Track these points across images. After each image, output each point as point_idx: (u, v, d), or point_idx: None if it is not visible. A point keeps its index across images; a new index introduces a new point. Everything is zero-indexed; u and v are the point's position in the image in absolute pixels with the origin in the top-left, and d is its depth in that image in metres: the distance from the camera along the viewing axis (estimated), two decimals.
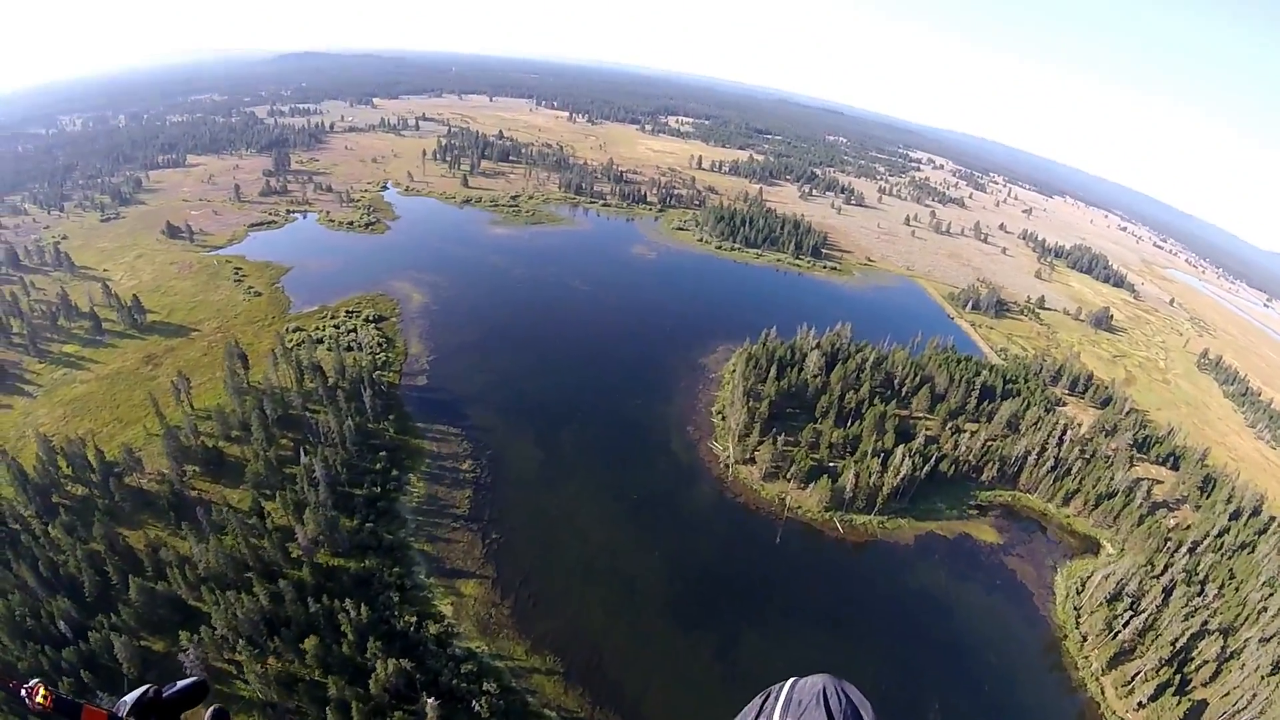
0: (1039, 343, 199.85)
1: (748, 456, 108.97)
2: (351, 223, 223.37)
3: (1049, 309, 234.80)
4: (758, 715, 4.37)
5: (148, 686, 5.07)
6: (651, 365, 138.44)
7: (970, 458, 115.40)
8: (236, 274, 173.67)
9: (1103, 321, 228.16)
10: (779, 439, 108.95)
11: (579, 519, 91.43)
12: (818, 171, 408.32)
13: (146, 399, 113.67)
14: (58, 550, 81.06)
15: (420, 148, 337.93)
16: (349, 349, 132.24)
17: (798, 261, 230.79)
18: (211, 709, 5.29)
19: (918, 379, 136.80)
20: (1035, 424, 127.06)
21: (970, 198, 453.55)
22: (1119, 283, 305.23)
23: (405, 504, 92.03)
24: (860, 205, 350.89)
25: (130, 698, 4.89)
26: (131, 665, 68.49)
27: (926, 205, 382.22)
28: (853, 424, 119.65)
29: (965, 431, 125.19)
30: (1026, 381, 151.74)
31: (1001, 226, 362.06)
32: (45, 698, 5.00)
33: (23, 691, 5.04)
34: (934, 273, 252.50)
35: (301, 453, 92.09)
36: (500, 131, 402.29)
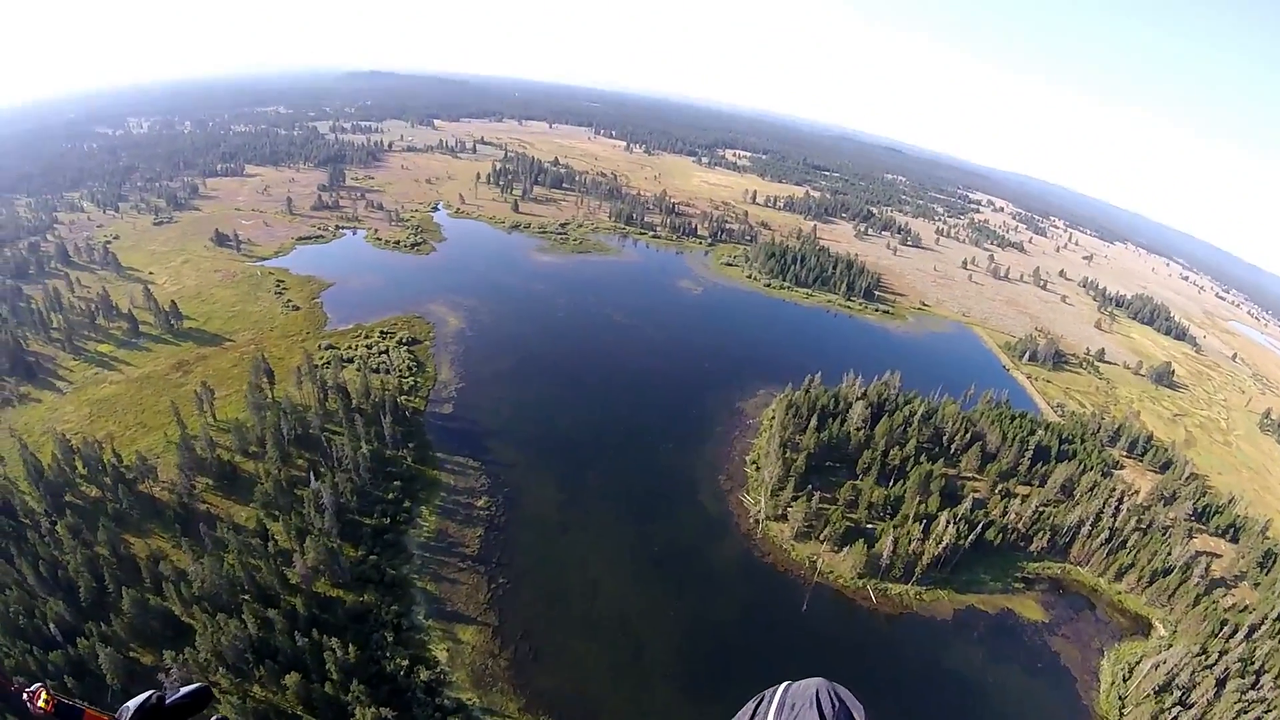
0: (1098, 399, 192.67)
1: (780, 513, 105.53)
2: (398, 242, 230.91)
3: (1109, 362, 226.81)
4: (751, 718, 4.66)
5: (151, 693, 5.17)
6: (688, 406, 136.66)
7: (1020, 525, 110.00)
8: (278, 286, 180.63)
9: (1164, 377, 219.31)
10: (814, 496, 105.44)
11: (592, 569, 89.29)
12: (875, 210, 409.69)
13: (171, 406, 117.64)
14: (61, 550, 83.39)
15: (475, 170, 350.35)
16: (377, 370, 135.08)
17: (849, 303, 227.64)
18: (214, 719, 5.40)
19: (968, 436, 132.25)
20: (1091, 490, 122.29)
21: (1030, 242, 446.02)
22: (1180, 335, 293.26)
23: (413, 538, 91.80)
24: (917, 246, 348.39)
25: (133, 703, 4.97)
26: (115, 676, 69.34)
27: (985, 249, 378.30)
28: (895, 483, 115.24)
29: (1016, 496, 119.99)
30: (1083, 441, 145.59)
31: (1061, 273, 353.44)
32: (47, 701, 5.17)
33: (25, 695, 5.23)
34: (990, 320, 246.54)
35: (312, 476, 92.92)
36: (556, 158, 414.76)
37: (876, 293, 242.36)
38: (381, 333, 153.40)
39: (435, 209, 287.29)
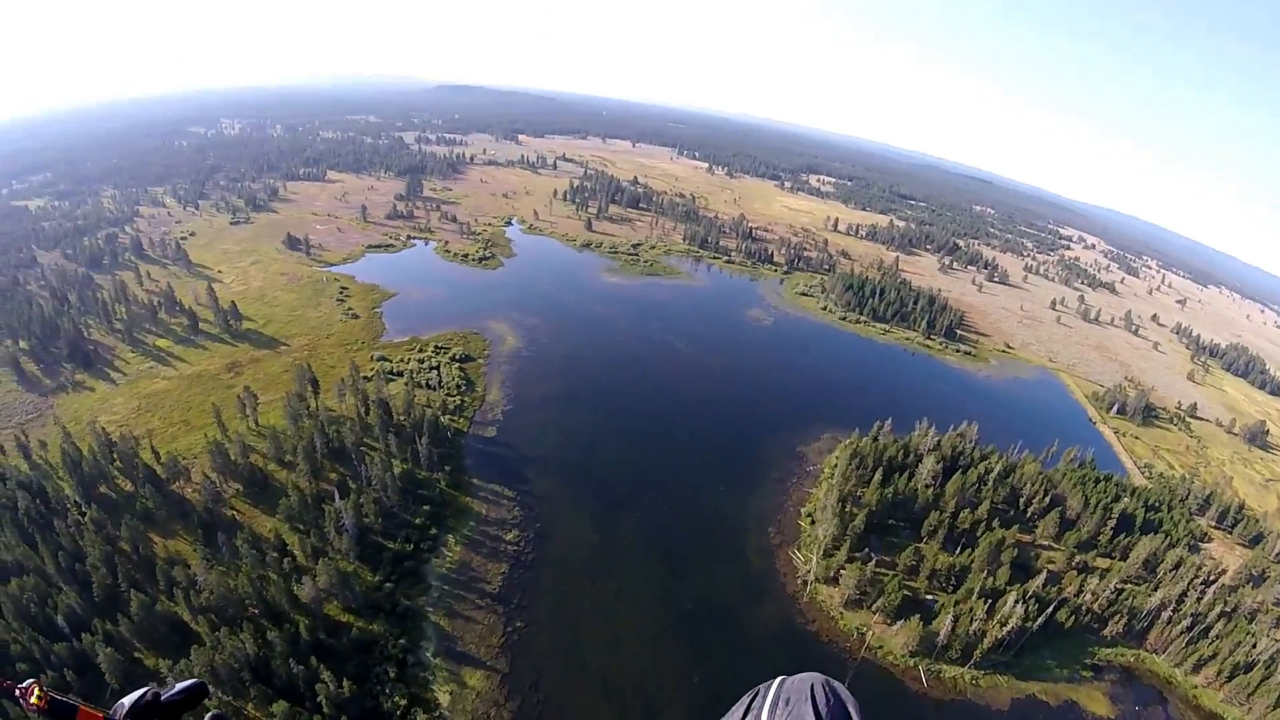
0: (1188, 459, 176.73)
1: (832, 575, 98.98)
2: (467, 255, 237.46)
3: (1201, 418, 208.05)
4: (745, 713, 4.73)
5: (147, 688, 5.23)
6: (743, 446, 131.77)
7: (1096, 606, 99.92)
8: (341, 293, 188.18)
9: (1258, 437, 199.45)
10: (871, 561, 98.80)
11: (616, 621, 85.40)
12: (960, 243, 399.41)
13: (220, 404, 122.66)
14: (84, 542, 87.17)
15: (553, 187, 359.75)
16: (426, 386, 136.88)
17: (928, 342, 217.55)
18: (210, 715, 5.54)
19: (1047, 499, 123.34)
20: (1175, 568, 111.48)
21: (1122, 282, 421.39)
22: (1277, 390, 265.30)
23: (435, 568, 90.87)
24: (1003, 283, 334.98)
25: (129, 700, 5.11)
26: (115, 677, 71.15)
27: (1075, 288, 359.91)
28: (963, 551, 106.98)
29: (1094, 571, 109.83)
30: (1171, 510, 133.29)
31: (1154, 318, 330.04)
32: (40, 698, 5.21)
33: (17, 691, 5.32)
34: (1078, 366, 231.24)
35: (337, 494, 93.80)
36: (635, 177, 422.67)
37: (958, 332, 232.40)
38: (436, 347, 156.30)
39: (509, 224, 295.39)
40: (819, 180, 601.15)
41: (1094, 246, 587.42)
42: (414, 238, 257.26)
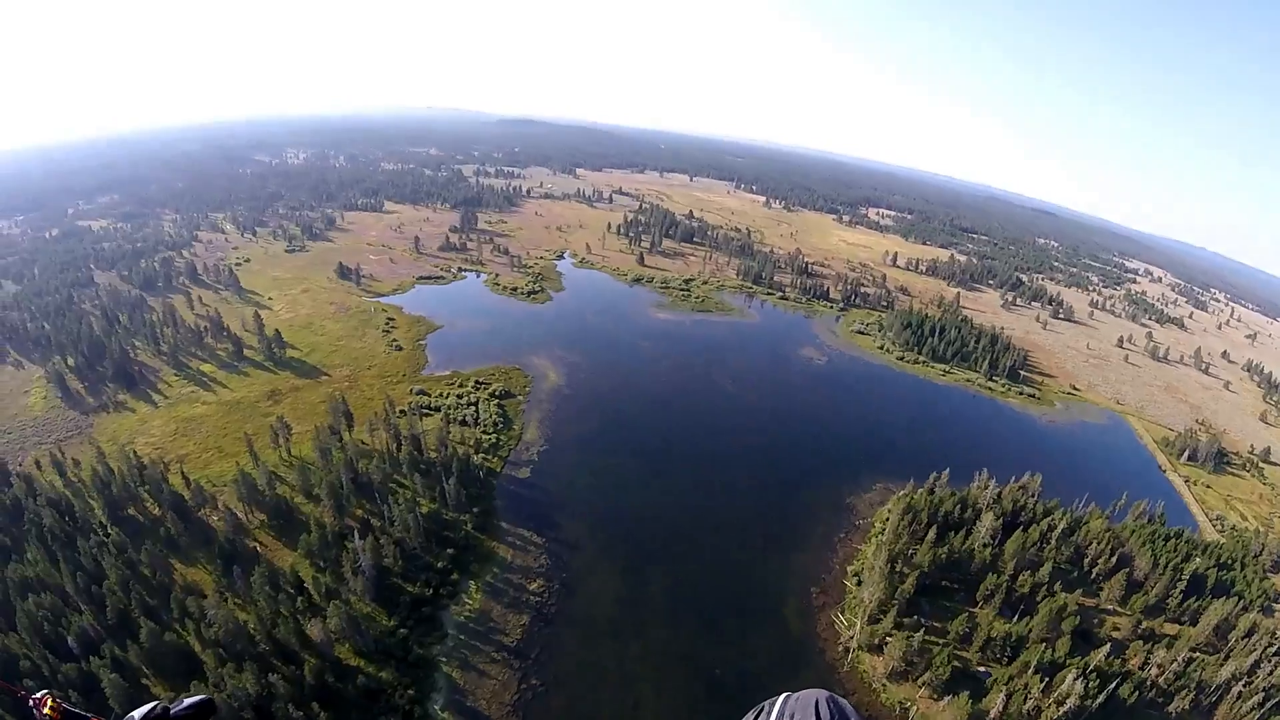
0: (1261, 509, 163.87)
1: (877, 642, 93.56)
2: (516, 288, 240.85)
3: (1275, 463, 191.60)
4: None
5: (155, 703, 5.56)
6: (789, 496, 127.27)
7: (1162, 680, 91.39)
8: (388, 324, 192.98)
9: None
10: (920, 631, 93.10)
11: (639, 687, 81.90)
12: (1024, 278, 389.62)
13: (255, 432, 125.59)
14: (104, 564, 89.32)
15: (607, 220, 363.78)
16: (462, 423, 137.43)
17: (990, 384, 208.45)
18: None
19: (1114, 558, 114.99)
20: (1248, 635, 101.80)
21: (1190, 317, 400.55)
22: None
23: (453, 615, 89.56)
24: (1069, 320, 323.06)
25: (138, 713, 5.41)
26: (118, 702, 71.83)
27: (1143, 324, 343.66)
28: (1021, 619, 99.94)
29: (1161, 640, 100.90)
30: (1244, 568, 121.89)
31: (1224, 355, 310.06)
32: (54, 709, 5.63)
33: (30, 702, 5.67)
34: (1147, 409, 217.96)
35: (356, 534, 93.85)
36: (690, 211, 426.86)
37: (1022, 373, 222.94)
38: (476, 382, 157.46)
39: (561, 257, 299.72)
40: (878, 213, 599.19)
41: (1160, 279, 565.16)
42: (465, 270, 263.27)
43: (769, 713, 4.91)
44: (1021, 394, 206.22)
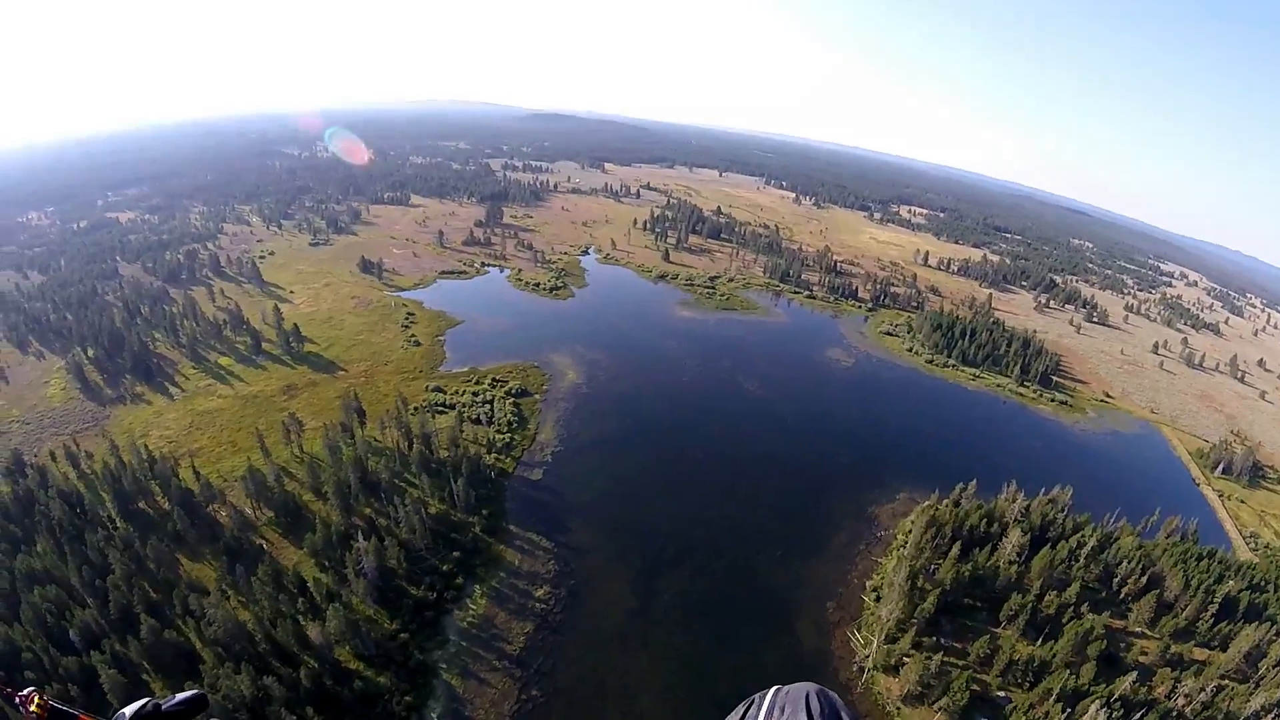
0: None
1: (893, 663, 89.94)
2: (538, 284, 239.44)
3: None
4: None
5: (146, 700, 5.45)
6: (809, 505, 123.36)
7: (1189, 710, 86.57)
8: (408, 319, 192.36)
9: None
10: (940, 651, 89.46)
11: (642, 701, 79.14)
12: (1058, 279, 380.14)
13: (268, 428, 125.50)
14: (110, 558, 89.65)
15: (634, 216, 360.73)
16: (476, 421, 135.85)
17: (1021, 390, 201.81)
18: None
19: (1145, 578, 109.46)
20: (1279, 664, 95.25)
21: (1226, 323, 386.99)
22: None
23: (456, 620, 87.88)
24: (1103, 324, 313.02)
25: (129, 710, 5.31)
26: (116, 698, 71.79)
27: (1178, 329, 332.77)
28: (1046, 641, 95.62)
29: (1190, 665, 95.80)
30: (1277, 591, 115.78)
31: (1261, 363, 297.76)
32: (40, 707, 5.45)
33: (17, 699, 5.53)
34: (1181, 419, 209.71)
35: (360, 535, 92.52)
36: (719, 207, 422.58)
37: (1054, 378, 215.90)
38: (493, 380, 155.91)
39: (585, 253, 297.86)
40: (910, 211, 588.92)
41: (1196, 283, 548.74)
42: (488, 265, 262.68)
43: (759, 705, 4.86)
44: (1053, 401, 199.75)
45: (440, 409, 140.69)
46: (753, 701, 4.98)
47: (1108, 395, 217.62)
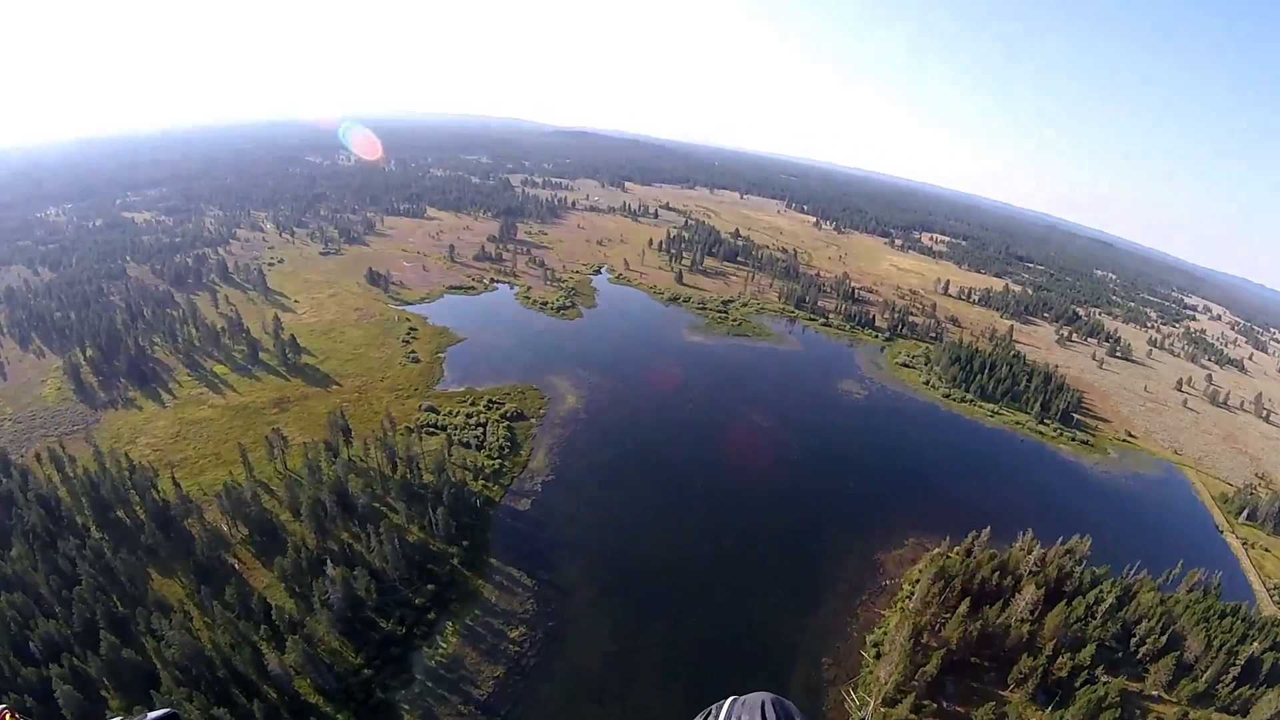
0: None
1: None
2: (546, 303, 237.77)
3: None
4: None
5: (119, 719, 5.63)
6: (811, 548, 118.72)
7: None
8: (409, 334, 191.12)
9: None
10: (942, 717, 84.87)
11: None
12: (1081, 312, 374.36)
13: (253, 442, 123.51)
14: (79, 568, 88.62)
15: (649, 236, 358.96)
16: (466, 445, 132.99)
17: (1041, 428, 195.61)
18: None
19: (1164, 637, 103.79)
20: None
21: (1250, 359, 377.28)
22: None
23: (425, 658, 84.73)
24: (1126, 359, 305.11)
25: None
26: (70, 714, 70.79)
27: (1203, 365, 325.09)
28: (1056, 709, 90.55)
29: None
30: None
31: None
32: None
33: None
34: (1205, 460, 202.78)
35: (329, 563, 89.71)
36: (737, 229, 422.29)
37: (1075, 416, 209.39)
38: (489, 401, 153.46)
39: (598, 272, 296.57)
40: (932, 239, 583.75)
41: (1220, 317, 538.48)
42: (497, 281, 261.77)
43: (715, 716, 5.10)
44: (1074, 440, 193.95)
45: (431, 430, 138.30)
46: (710, 712, 5.24)
47: (1130, 435, 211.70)
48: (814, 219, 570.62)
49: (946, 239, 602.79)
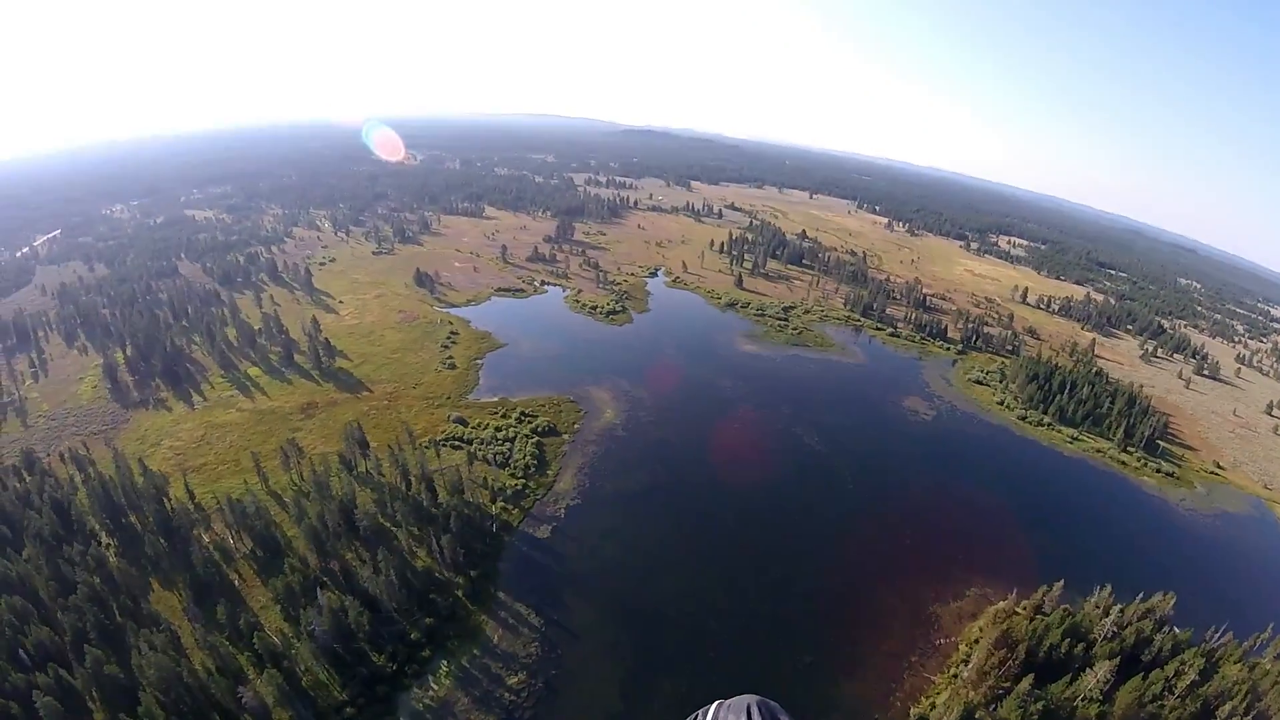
0: None
1: None
2: (595, 307, 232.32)
3: None
4: None
5: None
6: (857, 596, 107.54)
7: None
8: (449, 339, 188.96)
9: None
10: None
11: None
12: (1165, 324, 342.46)
13: (272, 450, 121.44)
14: (80, 574, 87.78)
15: (711, 236, 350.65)
16: (490, 461, 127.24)
17: (1123, 457, 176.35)
18: None
19: (1249, 717, 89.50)
20: None
21: None
22: None
23: (413, 700, 79.44)
24: (1213, 378, 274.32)
25: None
26: None
27: None
28: None
29: None
30: None
31: None
32: None
33: None
34: None
35: (320, 589, 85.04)
36: (804, 230, 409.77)
37: (1160, 443, 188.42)
38: (522, 414, 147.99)
39: (654, 274, 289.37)
40: (1009, 242, 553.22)
41: None
42: (548, 283, 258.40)
43: None
44: (1159, 471, 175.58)
45: (456, 444, 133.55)
46: (695, 717, 5.23)
47: (1218, 466, 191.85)
48: (886, 220, 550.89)
49: (1024, 243, 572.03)
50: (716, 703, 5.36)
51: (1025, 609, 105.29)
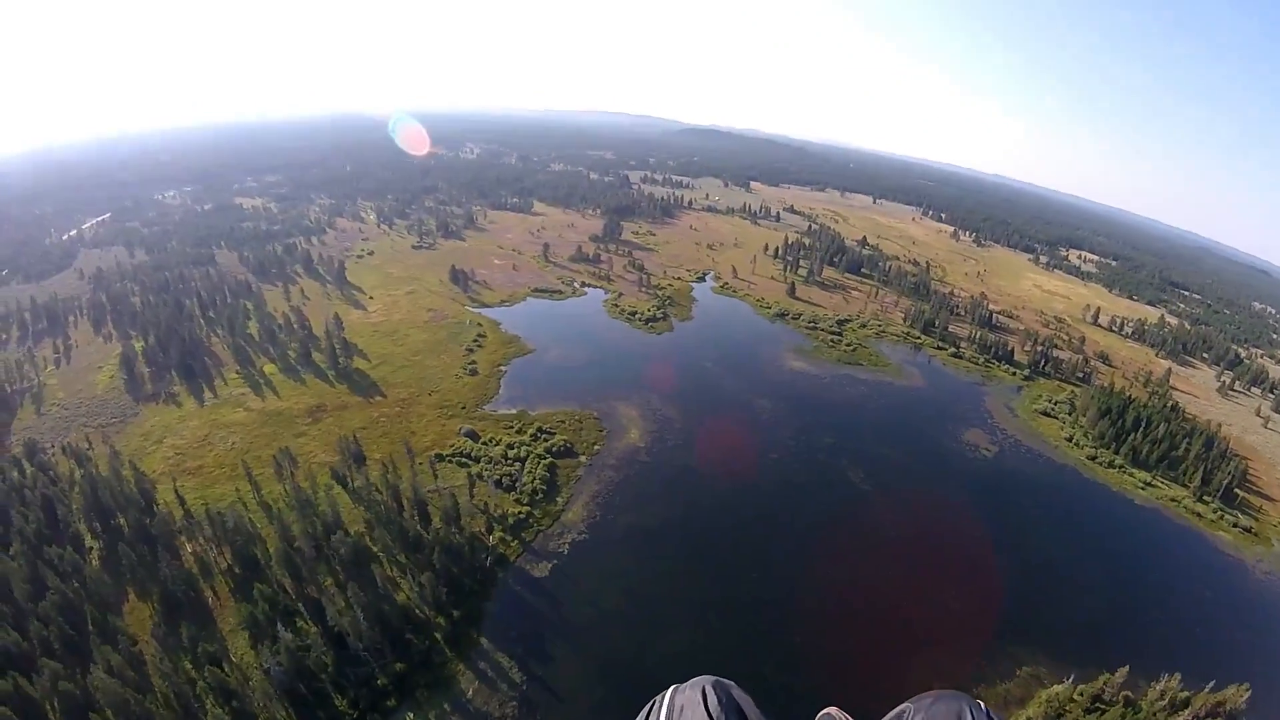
0: None
1: None
2: (635, 313, 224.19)
3: None
4: None
5: None
6: (889, 670, 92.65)
7: None
8: (475, 342, 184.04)
9: None
10: None
11: None
12: (1242, 353, 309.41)
13: (270, 457, 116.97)
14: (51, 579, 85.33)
15: (766, 240, 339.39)
16: (495, 484, 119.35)
17: (1198, 508, 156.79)
18: None
19: None
20: None
21: None
22: None
23: None
24: None
25: None
26: None
27: None
28: None
29: None
30: None
31: None
32: None
33: None
34: None
35: (281, 625, 78.92)
36: (864, 237, 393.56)
37: (1238, 492, 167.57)
38: (539, 430, 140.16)
39: (702, 279, 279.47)
40: (1080, 256, 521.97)
41: None
42: (588, 285, 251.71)
43: (660, 707, 5.03)
44: (1234, 526, 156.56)
45: (463, 460, 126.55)
46: (653, 704, 5.13)
47: None
48: (952, 229, 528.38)
49: (1095, 257, 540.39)
50: (673, 687, 5.13)
51: (1083, 696, 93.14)
